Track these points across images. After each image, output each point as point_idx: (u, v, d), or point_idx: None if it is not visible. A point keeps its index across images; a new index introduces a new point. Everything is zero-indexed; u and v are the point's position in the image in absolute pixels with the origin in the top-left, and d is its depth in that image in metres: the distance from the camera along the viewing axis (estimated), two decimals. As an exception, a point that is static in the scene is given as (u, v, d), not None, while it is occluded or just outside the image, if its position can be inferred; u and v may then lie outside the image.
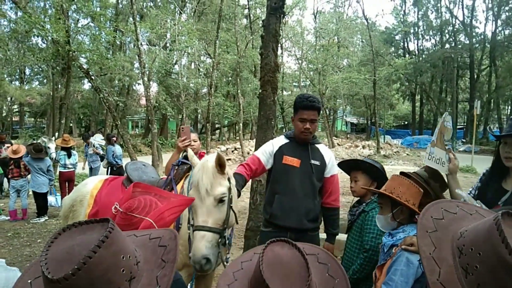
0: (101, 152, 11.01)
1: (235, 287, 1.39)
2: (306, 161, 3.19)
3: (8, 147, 9.92)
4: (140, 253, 1.25)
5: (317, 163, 3.21)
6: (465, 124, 41.60)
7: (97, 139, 11.33)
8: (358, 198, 3.19)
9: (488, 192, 2.50)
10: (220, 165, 2.47)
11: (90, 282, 1.01)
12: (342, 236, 4.20)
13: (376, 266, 2.46)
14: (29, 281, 1.19)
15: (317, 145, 3.31)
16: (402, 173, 2.68)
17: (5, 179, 9.26)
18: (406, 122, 51.71)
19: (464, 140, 33.31)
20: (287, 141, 3.32)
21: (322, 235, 3.70)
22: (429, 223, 1.29)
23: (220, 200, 2.40)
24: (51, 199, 9.10)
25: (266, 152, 3.31)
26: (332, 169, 3.29)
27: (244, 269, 1.47)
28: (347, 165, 3.24)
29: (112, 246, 1.08)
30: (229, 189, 2.49)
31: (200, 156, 3.92)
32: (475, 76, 37.39)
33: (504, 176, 2.47)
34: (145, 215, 1.78)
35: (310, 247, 1.56)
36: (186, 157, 3.17)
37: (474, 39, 37.62)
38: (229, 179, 2.54)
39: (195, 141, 3.90)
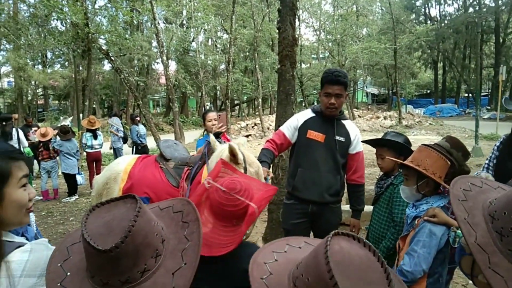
0: (120, 134, 11.23)
1: (271, 283, 1.19)
2: (330, 137, 3.16)
3: (35, 130, 10.17)
4: (159, 220, 1.34)
5: (342, 139, 3.18)
6: (489, 90, 40.32)
7: (115, 122, 11.52)
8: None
9: (509, 161, 2.52)
10: (233, 155, 2.51)
11: (135, 247, 1.15)
12: (367, 208, 4.28)
13: (400, 237, 2.48)
14: (58, 265, 1.29)
15: (343, 121, 3.26)
16: (424, 145, 2.74)
17: (35, 161, 9.57)
18: (428, 91, 50.42)
19: (489, 108, 32.40)
20: (313, 115, 3.28)
21: (345, 207, 3.78)
22: (460, 193, 1.28)
23: None
24: (78, 178, 9.38)
25: (291, 127, 3.29)
26: (357, 146, 3.26)
27: (279, 262, 1.27)
28: (371, 142, 3.21)
29: (145, 214, 1.21)
30: None
31: (223, 136, 4.16)
32: (501, 41, 35.85)
33: None
34: (247, 198, 1.74)
35: None
36: (217, 135, 3.32)
37: (500, 1, 35.97)
38: (245, 168, 2.58)
39: (215, 120, 4.18)
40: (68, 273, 1.25)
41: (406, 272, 2.16)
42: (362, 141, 3.31)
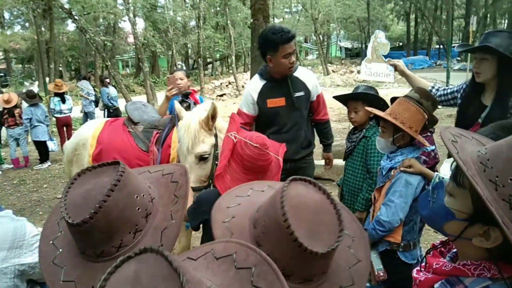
0: (91, 98, 10.92)
1: (234, 226, 1.21)
2: (290, 96, 3.10)
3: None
4: (154, 189, 1.30)
5: (301, 93, 3.13)
6: (460, 41, 40.77)
7: (84, 85, 11.15)
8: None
9: (470, 108, 2.59)
10: (212, 117, 2.46)
11: (108, 223, 1.10)
12: (340, 162, 4.36)
13: (375, 188, 2.53)
14: (56, 221, 1.28)
15: (295, 74, 3.14)
16: (393, 98, 2.73)
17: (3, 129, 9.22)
18: (400, 44, 50.65)
19: (459, 59, 32.83)
20: (264, 82, 3.15)
21: (319, 162, 3.83)
22: (450, 146, 1.21)
23: (202, 158, 2.43)
24: (50, 144, 9.12)
25: (249, 104, 3.18)
26: (316, 90, 3.24)
27: (242, 206, 1.29)
28: (343, 97, 3.17)
29: (125, 187, 1.14)
30: (215, 145, 2.49)
31: (191, 95, 3.98)
32: (472, -10, 36.02)
33: (482, 91, 2.57)
34: (275, 153, 1.84)
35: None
36: (186, 95, 3.22)
37: (471, -50, 35.67)
38: (216, 135, 2.53)
39: (181, 79, 4.00)
40: (62, 231, 1.24)
41: (383, 222, 2.23)
42: (334, 97, 3.26)
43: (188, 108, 3.16)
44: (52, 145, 9.24)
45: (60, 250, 1.21)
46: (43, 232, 1.27)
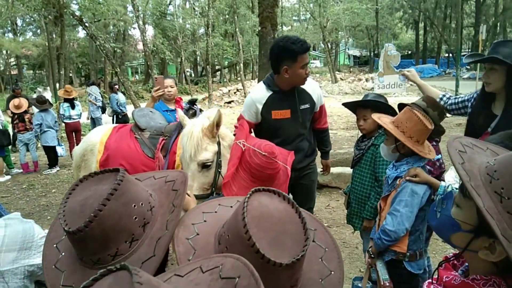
0: (98, 103, 10.98)
1: (198, 243, 1.18)
2: (295, 109, 3.03)
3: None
4: (155, 197, 1.31)
5: (307, 106, 3.08)
6: (469, 50, 40.58)
7: (93, 91, 11.22)
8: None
9: (480, 117, 2.58)
10: (217, 124, 2.41)
11: (103, 232, 1.10)
12: (347, 170, 4.34)
13: (381, 197, 2.51)
14: (54, 245, 1.28)
15: (302, 86, 3.06)
16: (400, 104, 2.73)
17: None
18: (409, 52, 50.49)
19: (468, 67, 32.55)
20: (270, 93, 3.02)
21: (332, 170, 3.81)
22: (457, 156, 1.20)
23: (204, 166, 2.40)
24: (58, 149, 9.19)
25: (251, 112, 3.07)
26: (320, 101, 3.21)
27: (208, 223, 1.26)
28: (353, 104, 3.15)
29: (122, 196, 1.14)
30: (218, 153, 2.46)
31: (177, 102, 4.21)
32: (481, -1, 35.89)
33: (493, 100, 2.55)
34: (283, 162, 1.84)
35: (310, 219, 1.33)
36: (192, 102, 3.20)
37: (481, -41, 35.59)
38: (219, 143, 2.50)
39: (172, 87, 4.11)
40: (63, 237, 1.24)
41: (389, 232, 2.21)
42: (343, 104, 3.27)
43: (194, 115, 3.17)
44: (60, 150, 9.29)
45: (63, 253, 1.22)
46: (48, 235, 1.29)
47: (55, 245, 1.24)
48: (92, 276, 1.09)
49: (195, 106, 3.25)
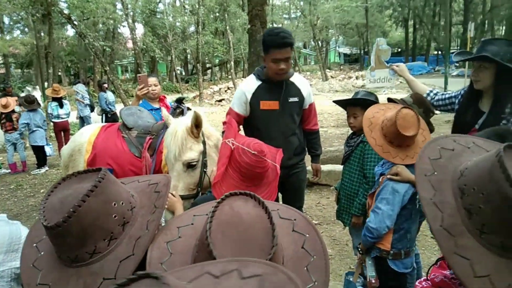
0: (86, 101, 10.91)
1: (177, 246, 1.16)
2: (284, 101, 3.03)
3: (16, 100, 9.69)
4: (137, 198, 1.31)
5: (295, 99, 3.08)
6: (458, 48, 40.87)
7: (80, 89, 11.12)
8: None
9: (467, 114, 2.61)
10: (196, 125, 2.38)
11: (81, 228, 1.11)
12: (337, 167, 4.36)
13: (368, 194, 2.56)
14: (34, 245, 1.27)
15: (291, 79, 3.08)
16: (389, 99, 2.76)
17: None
18: (399, 50, 50.73)
19: (457, 65, 32.85)
20: (259, 83, 3.04)
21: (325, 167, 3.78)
22: (427, 165, 1.22)
23: (189, 165, 2.38)
24: (47, 149, 9.11)
25: (241, 104, 3.08)
26: (309, 99, 3.21)
27: (195, 225, 1.22)
28: (343, 102, 3.16)
29: (102, 194, 1.15)
30: (203, 153, 2.44)
31: (160, 100, 4.22)
32: (470, -3, 36.14)
33: (480, 97, 2.58)
34: (272, 160, 1.83)
35: (287, 210, 1.30)
36: (179, 101, 3.17)
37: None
38: (204, 142, 2.48)
39: (156, 86, 4.12)
40: (45, 236, 1.23)
41: (371, 229, 2.23)
42: (334, 101, 3.27)
43: (181, 113, 3.14)
44: (48, 150, 9.21)
45: (42, 253, 1.22)
46: (28, 235, 1.29)
47: (35, 245, 1.25)
48: (69, 274, 1.13)
49: (182, 104, 3.22)
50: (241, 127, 3.23)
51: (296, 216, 1.26)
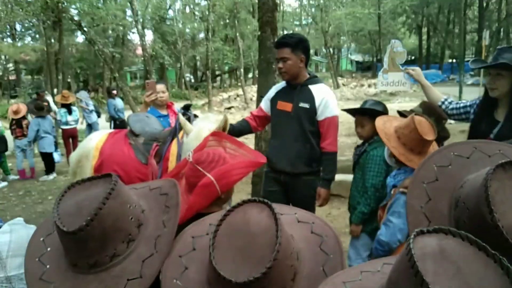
0: (90, 108, 10.94)
1: (188, 279, 1.12)
2: (296, 105, 3.11)
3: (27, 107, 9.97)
4: (143, 202, 1.34)
5: (306, 105, 3.09)
6: (473, 55, 40.44)
7: (82, 96, 11.14)
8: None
9: (482, 123, 2.60)
10: (224, 129, 2.56)
11: (102, 231, 1.13)
12: (349, 177, 4.21)
13: (380, 206, 2.55)
14: (41, 239, 1.29)
15: (310, 86, 3.13)
16: (399, 112, 2.77)
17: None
18: (413, 57, 50.39)
19: (472, 73, 32.42)
20: (284, 85, 3.27)
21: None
22: (429, 172, 1.21)
23: None
24: (55, 156, 9.21)
25: (266, 99, 3.35)
26: (325, 111, 3.09)
27: (197, 250, 1.20)
28: (351, 111, 3.18)
29: (118, 197, 1.18)
30: None
31: (168, 107, 4.28)
32: (484, 5, 35.79)
33: (495, 106, 2.57)
34: (209, 170, 1.73)
35: (305, 214, 1.33)
36: (186, 107, 3.24)
37: (484, -36, 35.56)
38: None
39: (163, 93, 4.16)
40: (49, 248, 1.25)
41: (382, 242, 2.22)
42: (343, 110, 3.24)
43: (188, 120, 3.10)
44: (57, 156, 9.33)
45: (48, 266, 1.21)
46: (27, 251, 1.28)
47: (37, 259, 1.23)
48: (87, 281, 1.17)
49: (189, 111, 3.23)
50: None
51: (314, 219, 1.29)
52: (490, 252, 0.74)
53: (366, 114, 2.96)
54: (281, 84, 3.34)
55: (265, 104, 3.34)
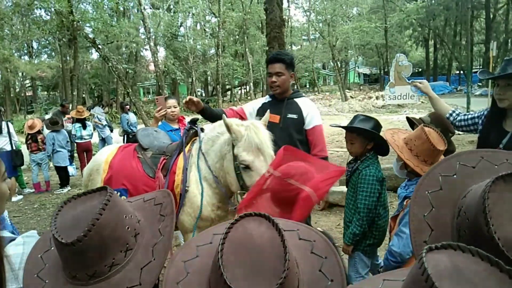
0: (104, 123, 11.11)
1: (194, 265, 1.14)
2: (284, 116, 3.24)
3: (68, 118, 10.10)
4: (139, 213, 1.34)
5: (294, 116, 3.24)
6: (480, 67, 40.27)
7: (96, 111, 11.37)
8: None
9: (491, 133, 2.58)
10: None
11: (100, 241, 1.12)
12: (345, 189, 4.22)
13: (391, 217, 2.52)
14: (39, 255, 1.28)
15: (296, 99, 3.32)
16: (407, 118, 2.77)
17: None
18: (420, 69, 50.31)
19: (480, 84, 32.35)
20: (270, 99, 3.43)
21: (336, 188, 3.62)
22: (433, 181, 1.19)
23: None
24: (70, 169, 9.29)
25: (251, 107, 3.47)
26: (312, 120, 3.26)
27: (213, 244, 1.17)
28: (341, 127, 3.15)
29: (114, 208, 1.18)
30: None
31: (179, 121, 4.36)
32: (491, 16, 35.67)
33: (504, 117, 2.55)
34: (302, 183, 1.73)
35: (307, 230, 1.26)
36: (193, 122, 3.19)
37: (490, -24, 35.70)
38: None
39: (175, 107, 4.28)
40: (47, 264, 1.25)
41: (394, 253, 2.18)
42: (331, 125, 3.40)
43: (195, 135, 3.14)
44: (71, 170, 9.35)
45: (47, 281, 1.22)
46: (26, 268, 1.28)
47: (36, 275, 1.23)
48: None
49: (196, 126, 3.22)
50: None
51: (316, 238, 1.21)
52: (504, 267, 0.72)
53: (354, 131, 2.87)
54: (265, 98, 3.51)
55: (248, 111, 3.44)
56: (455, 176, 1.18)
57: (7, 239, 1.44)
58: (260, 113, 3.27)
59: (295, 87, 32.10)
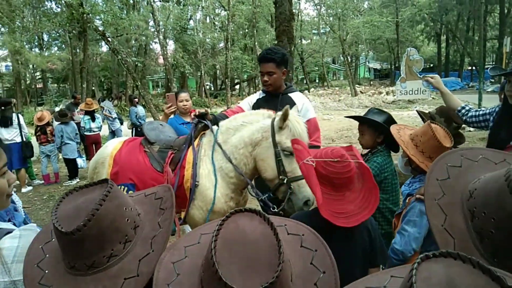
0: (114, 116, 11.17)
1: (184, 266, 1.14)
2: (279, 110, 3.20)
3: (81, 110, 10.15)
4: (139, 207, 1.37)
5: None
6: (493, 63, 39.74)
7: (106, 105, 11.41)
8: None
9: (502, 131, 2.54)
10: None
11: (100, 231, 1.15)
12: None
13: (394, 214, 2.51)
14: (40, 246, 1.30)
15: (289, 94, 3.42)
16: (418, 111, 2.82)
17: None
18: (431, 65, 49.75)
19: (492, 80, 31.90)
20: (263, 95, 3.51)
21: None
22: (435, 188, 1.20)
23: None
24: (78, 161, 9.36)
25: (247, 103, 3.54)
26: (307, 114, 3.34)
27: (201, 244, 1.19)
28: (353, 118, 3.21)
29: (115, 199, 1.21)
30: None
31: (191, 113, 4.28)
32: (506, 11, 35.05)
33: None
34: (352, 158, 1.81)
35: (294, 224, 1.28)
36: (201, 116, 3.16)
37: (504, -30, 35.05)
38: None
39: (187, 101, 4.41)
40: (47, 255, 1.27)
41: (396, 251, 2.17)
42: (346, 116, 3.47)
43: (204, 128, 3.13)
44: (80, 162, 9.44)
45: (46, 271, 1.23)
46: (26, 258, 1.29)
47: (36, 265, 1.25)
48: (85, 282, 1.18)
49: (205, 120, 3.19)
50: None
51: (304, 231, 1.25)
52: (505, 284, 0.65)
53: (365, 123, 2.95)
54: (259, 93, 3.58)
55: (247, 106, 3.51)
56: (449, 179, 1.20)
57: (3, 231, 1.43)
58: (255, 108, 3.34)
59: (304, 81, 31.99)
